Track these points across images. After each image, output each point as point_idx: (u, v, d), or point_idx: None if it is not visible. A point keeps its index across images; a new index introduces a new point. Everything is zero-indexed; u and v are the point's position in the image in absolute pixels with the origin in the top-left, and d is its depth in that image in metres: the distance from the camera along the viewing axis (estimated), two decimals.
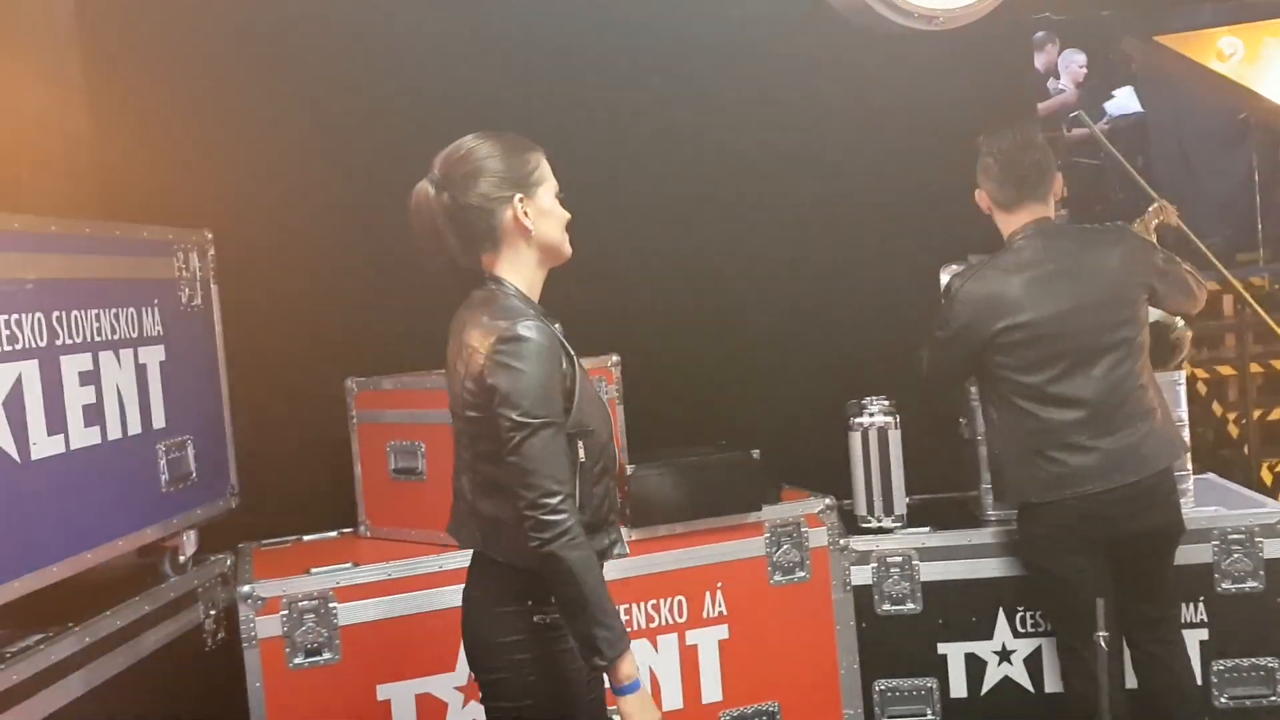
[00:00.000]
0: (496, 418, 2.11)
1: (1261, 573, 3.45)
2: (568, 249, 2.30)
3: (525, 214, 2.22)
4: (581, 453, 2.17)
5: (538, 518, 2.08)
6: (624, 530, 2.43)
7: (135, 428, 2.95)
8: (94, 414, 2.78)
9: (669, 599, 3.34)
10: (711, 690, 3.39)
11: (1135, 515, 3.04)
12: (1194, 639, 3.45)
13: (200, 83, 3.69)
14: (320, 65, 3.79)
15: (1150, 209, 3.40)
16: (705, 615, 3.39)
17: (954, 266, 3.84)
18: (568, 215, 2.29)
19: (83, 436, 2.74)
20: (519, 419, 2.09)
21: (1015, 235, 3.14)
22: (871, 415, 3.58)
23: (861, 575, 3.53)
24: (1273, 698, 3.47)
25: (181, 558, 3.18)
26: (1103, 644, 3.01)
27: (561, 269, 2.34)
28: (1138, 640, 3.21)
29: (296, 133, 3.77)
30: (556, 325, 2.25)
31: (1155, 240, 3.33)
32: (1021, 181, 3.11)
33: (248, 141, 3.72)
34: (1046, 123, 8.08)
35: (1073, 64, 7.98)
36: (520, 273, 2.26)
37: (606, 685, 2.22)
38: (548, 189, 2.26)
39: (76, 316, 2.74)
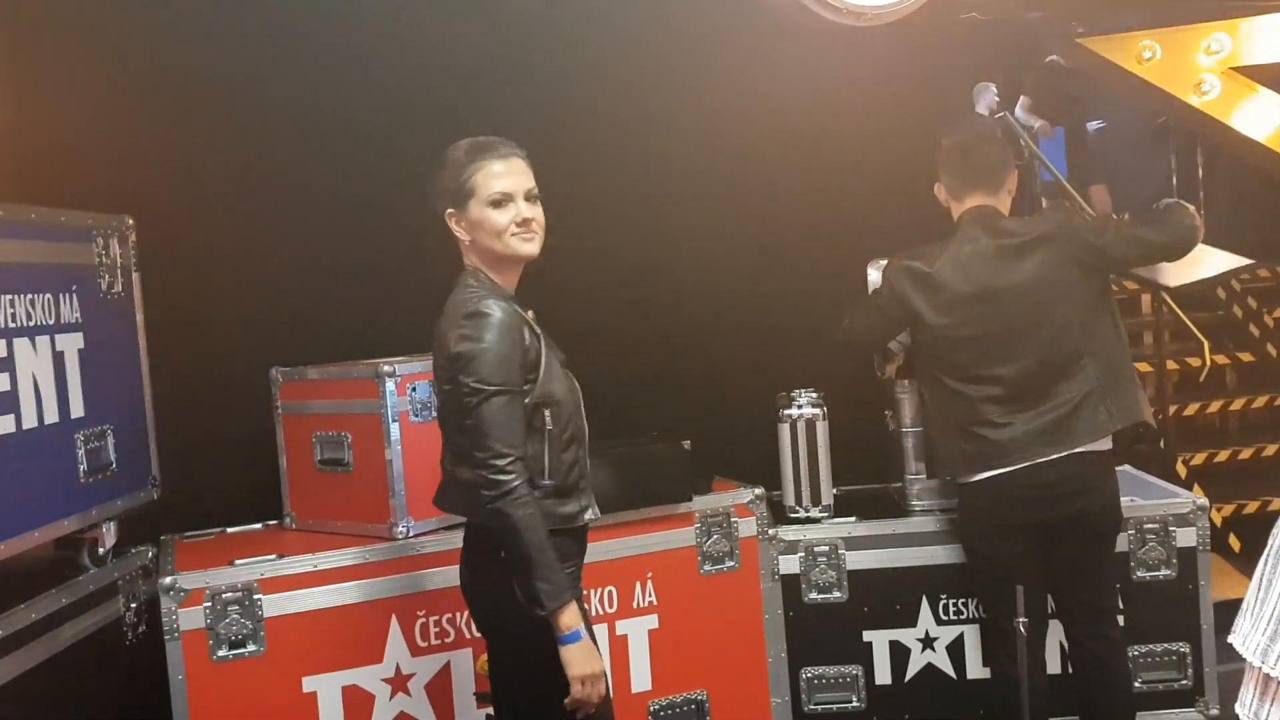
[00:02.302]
0: (459, 386, 2.30)
1: (1174, 561, 3.55)
2: (515, 250, 2.42)
3: (460, 226, 2.43)
4: (549, 420, 2.36)
5: (487, 477, 2.28)
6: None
7: (52, 416, 2.88)
8: (9, 402, 2.71)
9: (599, 589, 3.35)
10: (641, 680, 3.40)
11: (1067, 498, 3.09)
12: None
13: (121, 66, 3.60)
14: (245, 49, 3.73)
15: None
16: (635, 605, 3.40)
17: (881, 262, 3.90)
18: (499, 223, 2.39)
19: None
20: (475, 385, 2.29)
21: (959, 221, 3.23)
22: (800, 407, 3.63)
23: (789, 564, 3.58)
24: (1184, 681, 3.58)
25: (101, 549, 3.11)
26: (1022, 629, 3.09)
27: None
28: (1077, 637, 3.26)
29: (221, 119, 3.70)
30: (530, 313, 2.46)
31: None
32: (976, 172, 3.21)
33: (171, 127, 3.64)
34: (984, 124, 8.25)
35: (987, 93, 8.22)
36: (486, 268, 2.44)
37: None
38: (478, 201, 2.39)
39: None
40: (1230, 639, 1.01)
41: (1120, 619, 3.33)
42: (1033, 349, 3.09)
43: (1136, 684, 3.50)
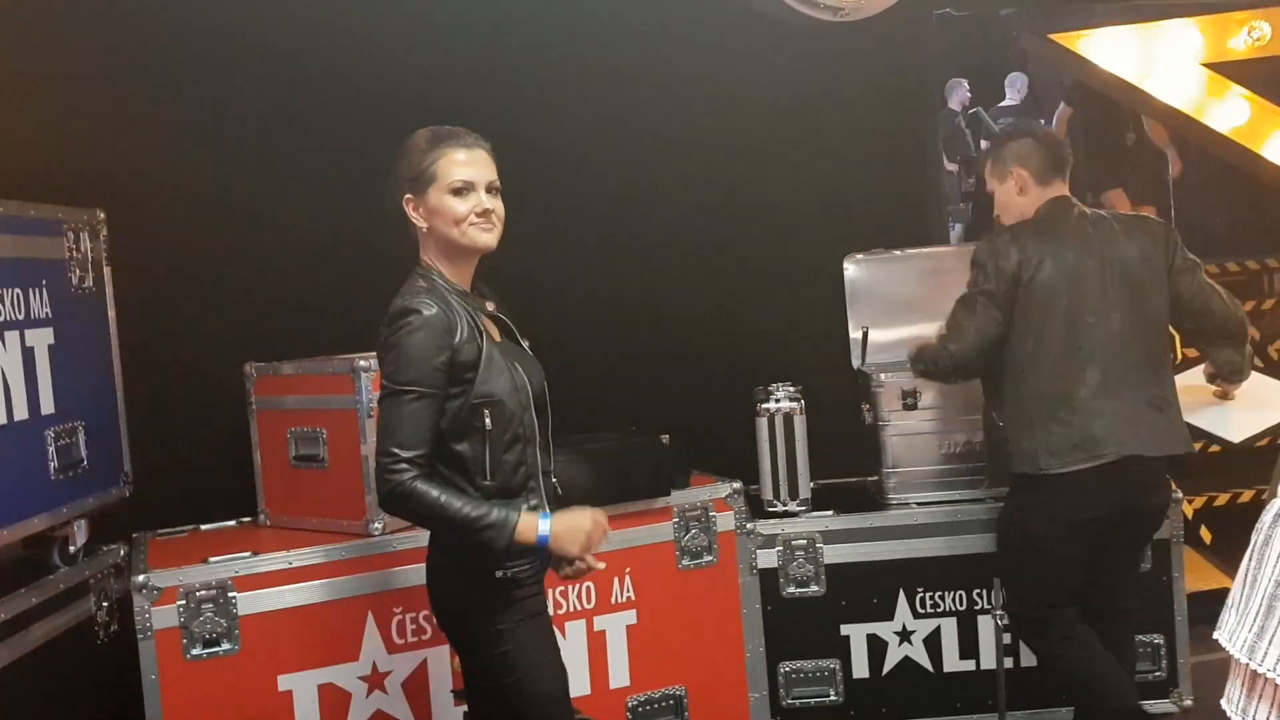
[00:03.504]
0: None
1: (1149, 553, 3.57)
2: (472, 241, 2.38)
3: (417, 211, 2.39)
4: (487, 421, 2.30)
5: (379, 471, 2.26)
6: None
7: (21, 413, 2.83)
8: None
9: (577, 585, 3.33)
10: (619, 675, 3.39)
11: (1142, 492, 3.06)
12: None
13: (92, 58, 3.56)
14: (219, 45, 3.69)
15: None
16: (614, 600, 3.39)
17: (859, 256, 3.93)
18: (457, 212, 2.35)
19: None
20: (385, 382, 2.30)
21: (1041, 208, 3.18)
22: (778, 401, 3.63)
23: (767, 558, 3.58)
24: (1158, 673, 3.60)
25: (72, 548, 3.07)
26: (998, 621, 3.11)
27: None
28: (1104, 634, 3.14)
29: (194, 113, 3.67)
30: (490, 305, 2.43)
31: None
32: (1064, 161, 3.20)
33: (144, 121, 3.60)
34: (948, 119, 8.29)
35: (959, 89, 8.30)
36: (438, 259, 2.40)
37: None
38: (439, 188, 2.36)
39: None
40: (1216, 635, 1.00)
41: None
42: (1127, 332, 3.05)
43: None
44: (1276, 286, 7.29)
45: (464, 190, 2.36)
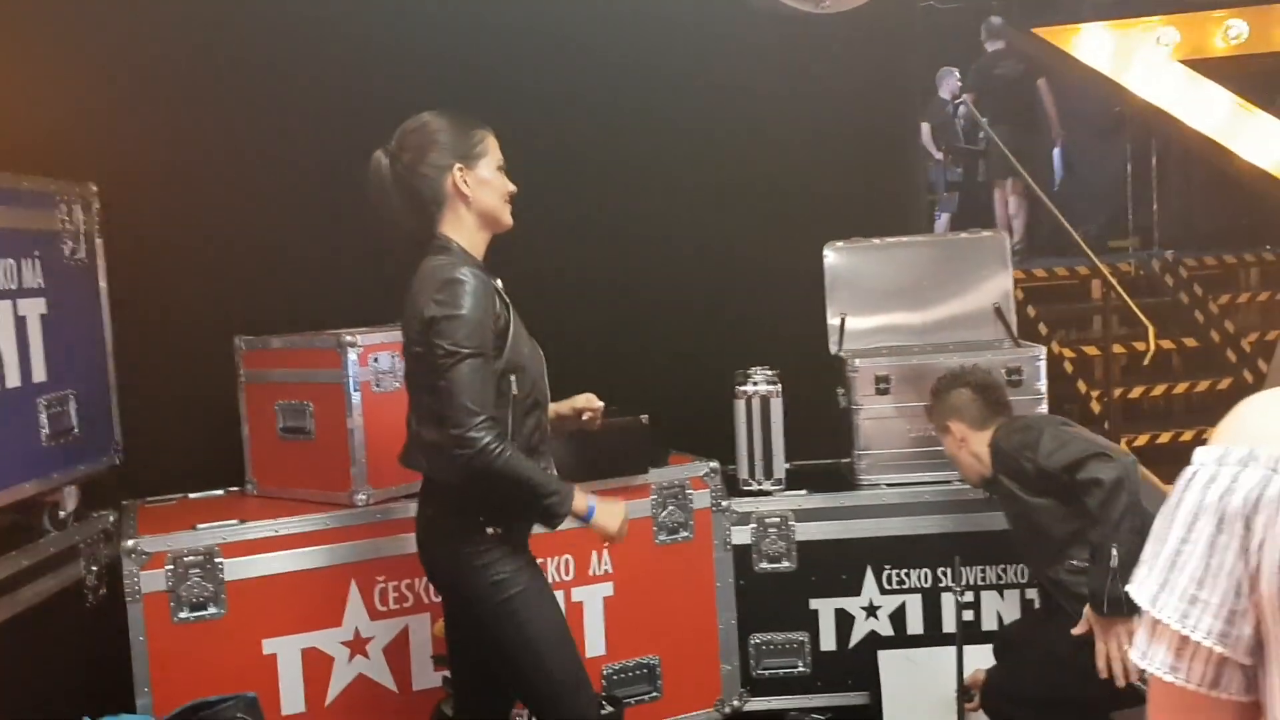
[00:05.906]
0: (432, 349, 2.37)
1: None
2: (507, 219, 2.57)
3: (465, 182, 2.50)
4: (514, 386, 2.47)
5: (461, 436, 2.34)
6: None
7: (14, 381, 2.90)
8: None
9: (557, 557, 3.42)
10: (595, 644, 3.49)
11: None
12: None
13: (83, 30, 3.60)
14: (211, 19, 3.74)
15: None
16: (591, 573, 3.48)
17: (838, 244, 4.00)
18: (508, 188, 2.57)
19: None
20: (450, 348, 2.36)
21: (999, 431, 3.14)
22: (756, 384, 3.72)
23: (741, 535, 3.67)
24: None
25: (62, 513, 3.14)
26: (959, 598, 3.21)
27: None
28: None
29: (187, 87, 3.71)
30: (497, 281, 2.54)
31: None
32: (998, 407, 3.20)
33: (137, 94, 3.65)
34: (935, 109, 8.35)
35: (950, 78, 8.34)
36: (462, 234, 2.53)
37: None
38: (489, 162, 2.54)
39: None
40: (1127, 588, 1.11)
41: None
42: None
43: None
44: (1253, 280, 7.43)
45: (503, 170, 2.55)
